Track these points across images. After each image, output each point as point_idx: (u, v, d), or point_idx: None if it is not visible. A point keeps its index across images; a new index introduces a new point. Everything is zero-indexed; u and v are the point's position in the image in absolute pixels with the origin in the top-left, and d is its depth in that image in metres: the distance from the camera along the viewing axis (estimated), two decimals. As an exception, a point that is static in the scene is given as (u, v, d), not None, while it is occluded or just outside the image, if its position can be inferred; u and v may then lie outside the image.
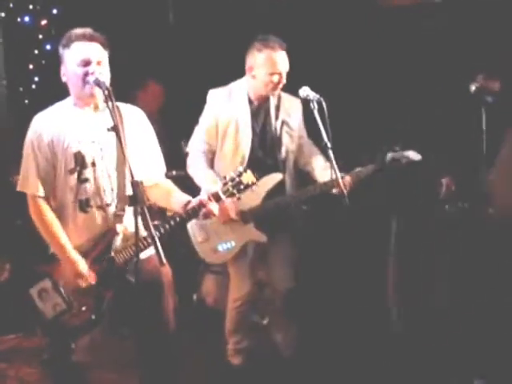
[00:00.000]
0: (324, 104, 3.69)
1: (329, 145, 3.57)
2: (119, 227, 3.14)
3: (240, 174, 3.08)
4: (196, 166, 3.86)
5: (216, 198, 3.07)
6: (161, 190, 3.25)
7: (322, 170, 3.88)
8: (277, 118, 3.92)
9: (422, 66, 4.95)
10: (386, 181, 4.27)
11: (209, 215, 3.11)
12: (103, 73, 3.07)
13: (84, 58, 3.06)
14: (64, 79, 3.16)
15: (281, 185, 3.88)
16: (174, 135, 4.95)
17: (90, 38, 3.10)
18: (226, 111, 3.84)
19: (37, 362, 3.87)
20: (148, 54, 5.41)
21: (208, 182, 3.72)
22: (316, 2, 5.31)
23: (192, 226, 3.92)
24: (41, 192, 3.11)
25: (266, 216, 3.83)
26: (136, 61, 5.18)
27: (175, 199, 3.18)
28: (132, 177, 2.79)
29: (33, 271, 3.12)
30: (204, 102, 3.93)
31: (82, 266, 3.07)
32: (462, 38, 5.05)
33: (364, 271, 4.75)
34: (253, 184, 3.09)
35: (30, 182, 3.12)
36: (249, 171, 3.11)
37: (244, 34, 3.99)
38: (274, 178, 3.86)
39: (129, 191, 3.00)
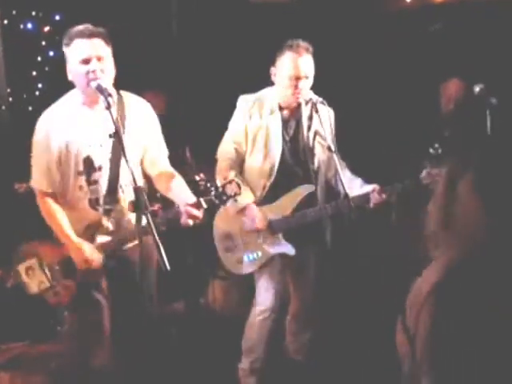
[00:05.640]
0: (328, 107, 3.66)
1: (332, 148, 3.55)
2: (105, 222, 3.25)
3: (224, 185, 3.09)
4: (223, 174, 3.67)
5: (197, 206, 3.09)
6: (163, 181, 3.31)
7: (352, 183, 3.68)
8: (309, 128, 3.73)
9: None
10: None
11: (187, 224, 3.10)
12: (105, 69, 3.08)
13: (84, 56, 3.07)
14: (70, 77, 3.17)
15: (312, 196, 3.72)
16: (178, 143, 4.93)
17: (90, 35, 3.10)
18: (255, 117, 3.68)
19: (43, 369, 3.87)
20: (151, 63, 5.40)
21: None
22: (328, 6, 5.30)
23: (217, 234, 3.79)
24: (46, 187, 3.23)
25: (295, 227, 3.67)
26: (138, 69, 5.17)
27: (175, 198, 3.26)
28: (135, 183, 2.78)
29: (22, 250, 3.34)
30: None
31: (88, 250, 3.19)
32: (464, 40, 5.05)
33: (379, 278, 4.71)
34: (235, 195, 3.10)
35: (37, 178, 3.25)
36: (234, 182, 3.10)
37: (248, 43, 3.94)
38: (306, 188, 3.69)
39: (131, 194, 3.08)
